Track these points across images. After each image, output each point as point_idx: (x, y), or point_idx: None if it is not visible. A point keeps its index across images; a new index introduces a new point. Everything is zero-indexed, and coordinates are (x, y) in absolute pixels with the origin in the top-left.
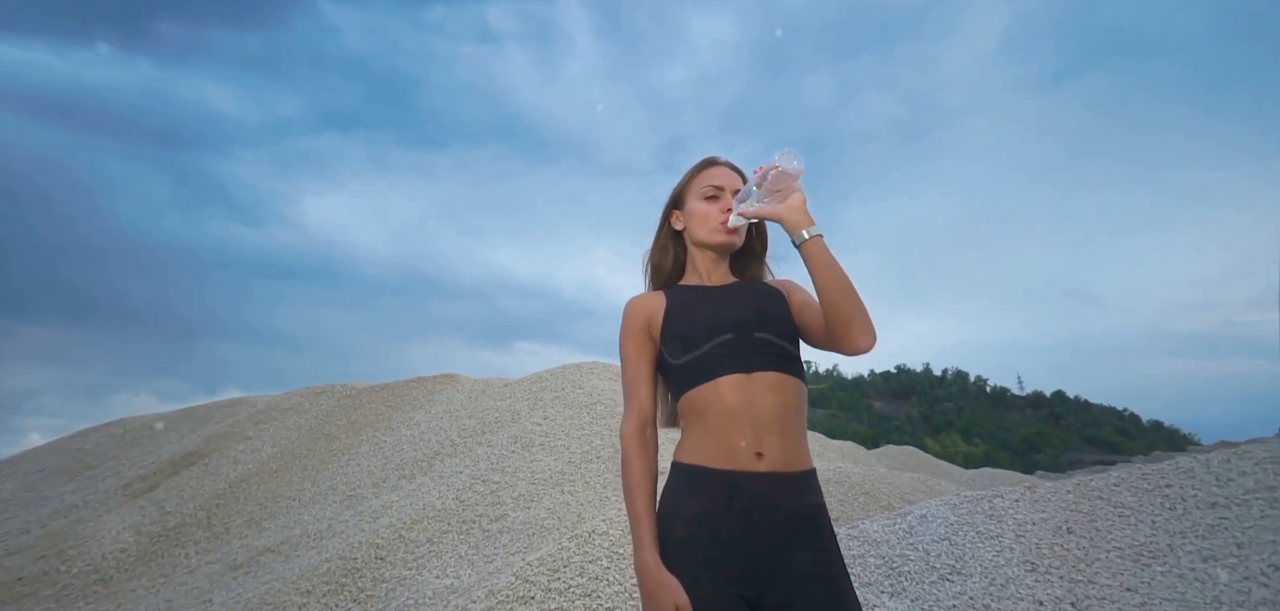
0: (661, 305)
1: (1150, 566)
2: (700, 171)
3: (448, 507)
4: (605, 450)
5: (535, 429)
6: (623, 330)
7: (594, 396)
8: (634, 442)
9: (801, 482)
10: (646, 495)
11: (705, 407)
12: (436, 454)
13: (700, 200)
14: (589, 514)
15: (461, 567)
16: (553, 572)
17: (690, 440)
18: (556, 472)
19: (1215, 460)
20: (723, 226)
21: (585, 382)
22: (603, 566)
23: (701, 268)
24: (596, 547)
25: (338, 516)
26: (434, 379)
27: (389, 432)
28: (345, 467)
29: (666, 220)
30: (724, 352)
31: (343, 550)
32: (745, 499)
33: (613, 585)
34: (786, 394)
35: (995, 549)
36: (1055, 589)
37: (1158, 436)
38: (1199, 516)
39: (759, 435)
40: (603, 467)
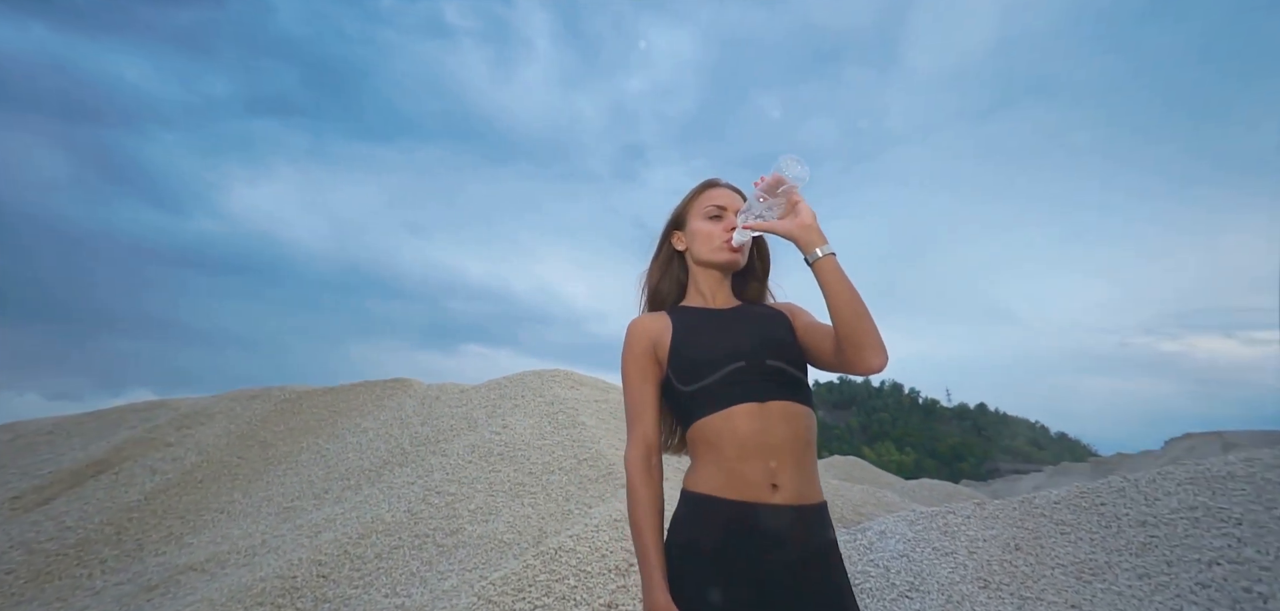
0: (668, 328)
1: (1091, 583)
2: (702, 192)
3: (398, 521)
4: (568, 460)
5: (494, 438)
6: (626, 353)
7: (556, 405)
8: (640, 472)
9: (816, 517)
10: (655, 529)
11: (718, 437)
12: (386, 463)
13: (703, 219)
14: (552, 528)
15: (413, 585)
16: (517, 592)
17: (702, 469)
18: (516, 484)
19: (1144, 480)
20: (727, 244)
21: (547, 390)
22: (570, 585)
23: (705, 288)
24: (563, 565)
25: (273, 530)
26: (383, 383)
27: (333, 440)
28: (282, 477)
29: (667, 240)
30: (737, 381)
31: (280, 567)
32: (760, 532)
33: (580, 605)
34: (800, 424)
35: (950, 565)
36: (1006, 605)
37: (1063, 447)
38: (1132, 534)
39: (774, 466)
40: (565, 479)
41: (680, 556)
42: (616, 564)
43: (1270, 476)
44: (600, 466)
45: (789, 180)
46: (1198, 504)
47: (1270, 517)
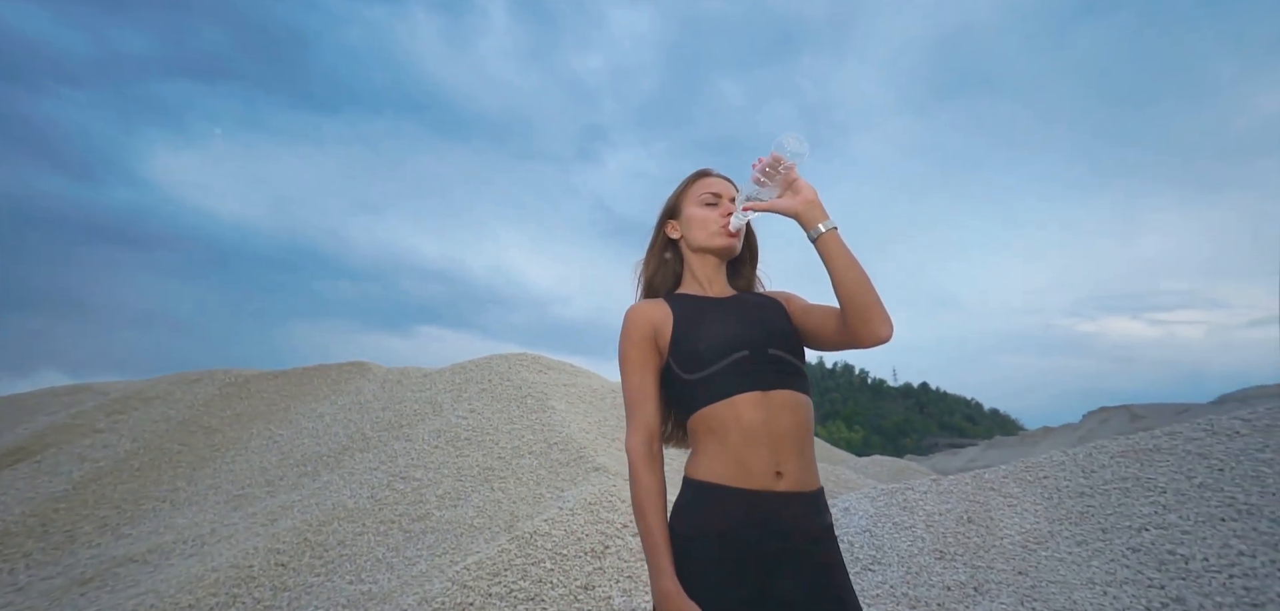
0: (668, 316)
1: (1036, 551)
2: (696, 181)
3: (361, 507)
4: (538, 445)
5: (460, 422)
6: (625, 340)
7: (524, 389)
8: (643, 459)
9: (815, 502)
10: (661, 516)
11: (722, 426)
12: (345, 449)
13: (698, 206)
14: (523, 512)
15: (380, 571)
16: (493, 576)
17: (706, 457)
18: (485, 469)
19: (1082, 454)
20: (724, 229)
21: (514, 375)
22: (546, 569)
23: (701, 276)
24: (539, 549)
25: (223, 519)
26: (340, 367)
27: (286, 425)
28: (231, 464)
29: (661, 230)
30: (740, 370)
31: (234, 557)
32: (764, 519)
33: (557, 587)
34: (801, 412)
35: (909, 539)
36: (960, 574)
37: (995, 422)
38: (1072, 505)
39: (778, 455)
40: (535, 463)
41: (685, 543)
42: (592, 547)
43: (1190, 448)
44: (571, 450)
45: (787, 158)
46: (1128, 475)
47: (1191, 486)
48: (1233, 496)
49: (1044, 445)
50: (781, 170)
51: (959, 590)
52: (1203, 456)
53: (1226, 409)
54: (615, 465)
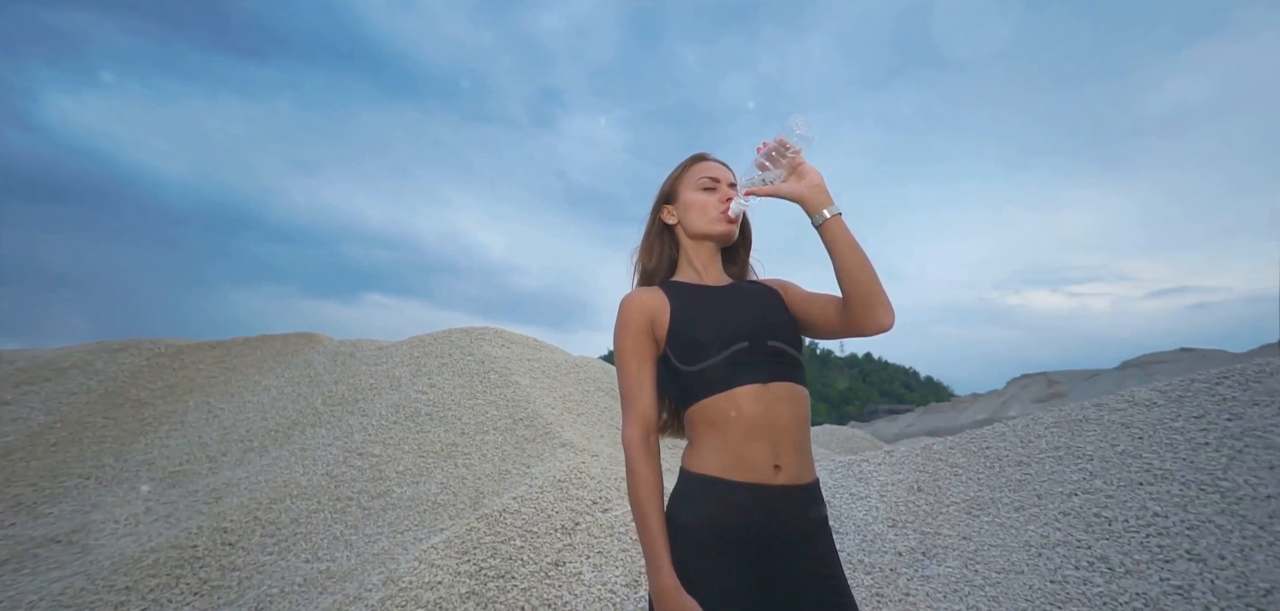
0: (665, 305)
1: (978, 517)
2: (692, 165)
3: (316, 484)
4: (502, 421)
5: (420, 397)
6: (622, 329)
7: (487, 364)
8: (640, 452)
9: (811, 494)
10: (659, 509)
11: (722, 418)
12: (295, 424)
13: (696, 191)
14: (490, 489)
15: (337, 549)
16: (462, 554)
17: (705, 449)
18: (448, 444)
19: (1020, 425)
20: (723, 215)
21: (475, 348)
22: (516, 546)
23: (697, 263)
24: (508, 527)
25: (160, 497)
26: (286, 338)
27: (228, 399)
28: (165, 439)
29: (657, 215)
30: (740, 362)
31: (175, 536)
32: (763, 512)
33: (527, 564)
34: (800, 405)
35: (864, 508)
36: (910, 540)
37: (929, 389)
38: (1011, 472)
39: (777, 448)
40: (500, 439)
41: (683, 536)
42: (562, 523)
43: (1114, 419)
44: (537, 426)
45: (794, 143)
46: (1060, 444)
47: (1114, 453)
48: (1150, 463)
49: (972, 410)
50: (788, 154)
51: (909, 555)
52: (1125, 426)
53: (1128, 373)
54: (582, 440)
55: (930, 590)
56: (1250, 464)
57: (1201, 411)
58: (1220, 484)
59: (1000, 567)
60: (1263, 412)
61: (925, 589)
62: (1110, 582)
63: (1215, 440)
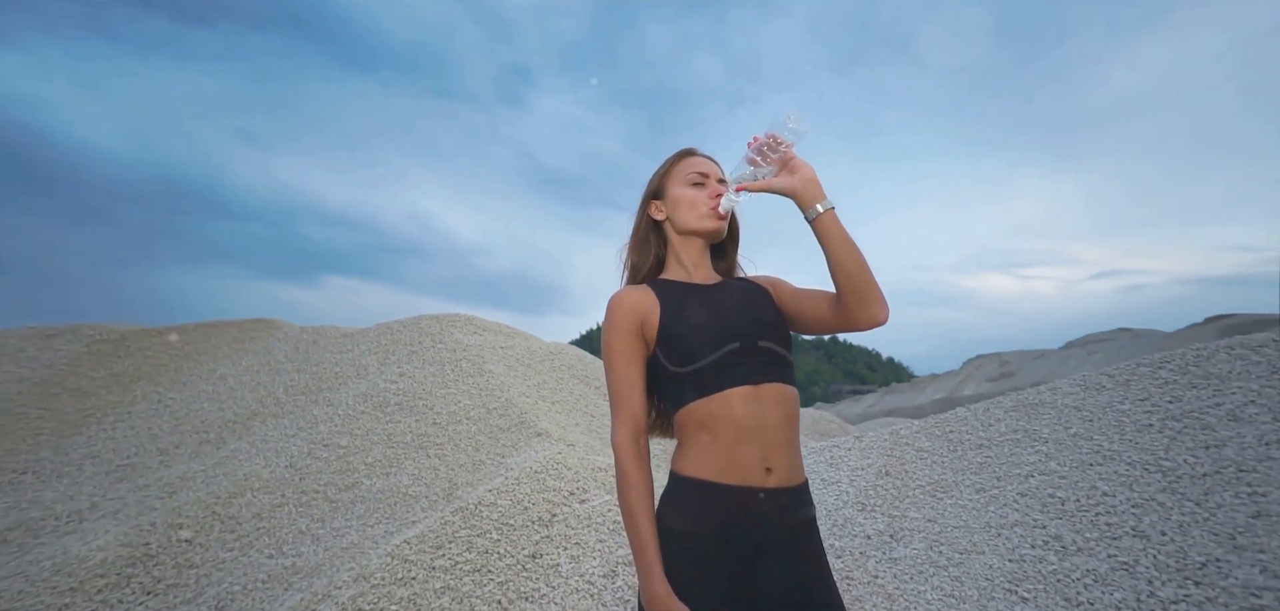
0: (655, 304)
1: (942, 499)
2: (681, 160)
3: (279, 477)
4: (476, 410)
5: (389, 387)
6: (610, 329)
7: (458, 352)
8: (631, 455)
9: (801, 496)
10: (650, 516)
11: (713, 421)
12: (254, 414)
13: (686, 187)
14: (463, 480)
15: (304, 543)
16: (436, 549)
17: (695, 452)
18: (419, 435)
19: (980, 409)
20: (713, 211)
21: (447, 336)
22: (492, 539)
23: (686, 260)
24: (484, 520)
25: (106, 492)
26: (242, 324)
27: (179, 388)
28: (110, 431)
29: (645, 211)
30: (732, 363)
31: (125, 533)
32: (754, 515)
33: (504, 558)
34: (790, 406)
35: (835, 494)
36: (878, 523)
37: (890, 370)
38: (973, 456)
39: (768, 450)
40: (473, 429)
41: (673, 541)
42: (539, 515)
43: (1067, 402)
44: (511, 416)
45: (786, 138)
46: (1018, 427)
47: (1067, 435)
48: (1099, 444)
49: (930, 390)
50: (780, 149)
51: (877, 538)
52: (1077, 409)
53: (1071, 352)
54: (558, 430)
55: (897, 572)
56: (1188, 445)
57: (1145, 394)
58: (1162, 464)
59: (962, 548)
60: (1199, 396)
61: (893, 571)
62: (1063, 560)
63: (1158, 422)
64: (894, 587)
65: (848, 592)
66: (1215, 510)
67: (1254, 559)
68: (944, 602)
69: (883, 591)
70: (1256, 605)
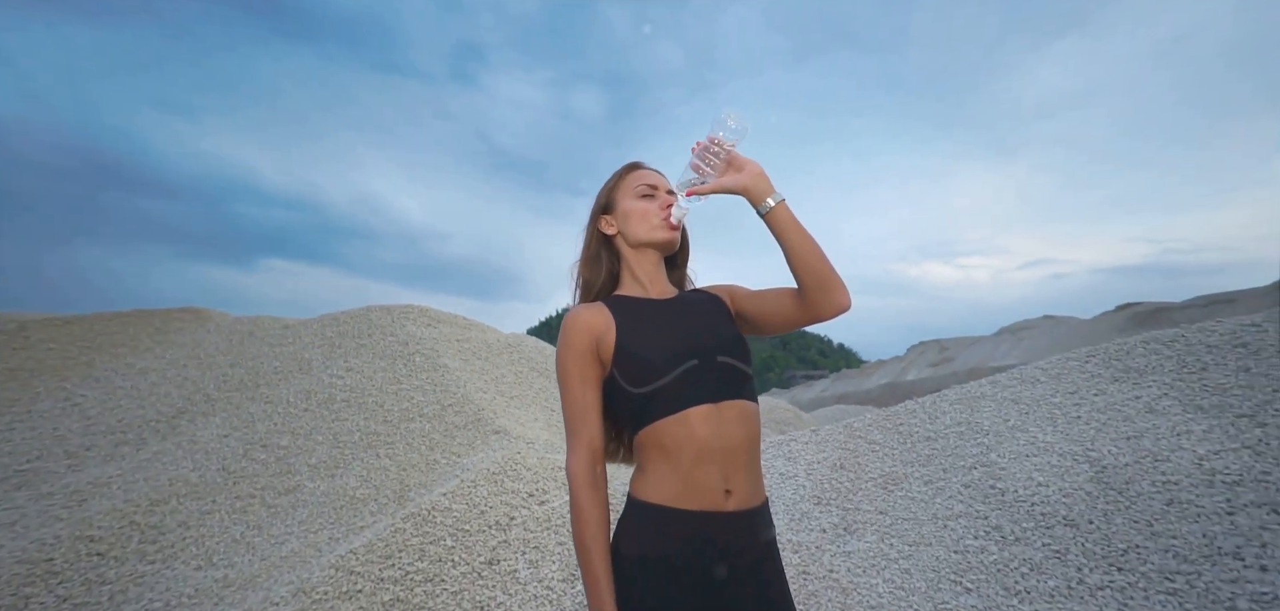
0: (610, 322)
1: (893, 492)
2: (628, 174)
3: (209, 481)
4: (430, 407)
5: (336, 382)
6: (565, 351)
7: (411, 345)
8: (585, 485)
9: (761, 517)
10: (604, 548)
11: (674, 443)
12: (181, 413)
13: (635, 199)
14: (416, 480)
15: (238, 552)
16: (385, 558)
17: (654, 476)
18: (369, 434)
19: (928, 402)
20: (665, 222)
21: (398, 329)
22: (447, 546)
23: (641, 274)
24: (438, 526)
25: (3, 500)
26: (167, 312)
27: (91, 384)
28: (6, 432)
29: (595, 227)
30: (690, 381)
31: (22, 548)
32: (714, 542)
33: (459, 565)
34: (751, 424)
35: (793, 488)
36: (833, 517)
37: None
38: (921, 448)
39: (728, 471)
40: (427, 427)
41: (629, 567)
42: (496, 519)
43: (1006, 395)
44: (467, 412)
45: (725, 138)
46: (962, 419)
47: (1006, 428)
48: (1034, 436)
49: (877, 375)
50: (724, 152)
51: (832, 531)
52: (1015, 401)
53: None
54: (516, 427)
55: (851, 565)
56: (1112, 435)
57: (1074, 387)
58: (1089, 454)
59: (912, 540)
60: (1121, 388)
61: (847, 564)
62: (1003, 550)
63: (1086, 414)
64: (848, 581)
65: (804, 587)
66: (1135, 499)
67: (1167, 545)
68: (894, 595)
69: (837, 585)
70: (1171, 588)
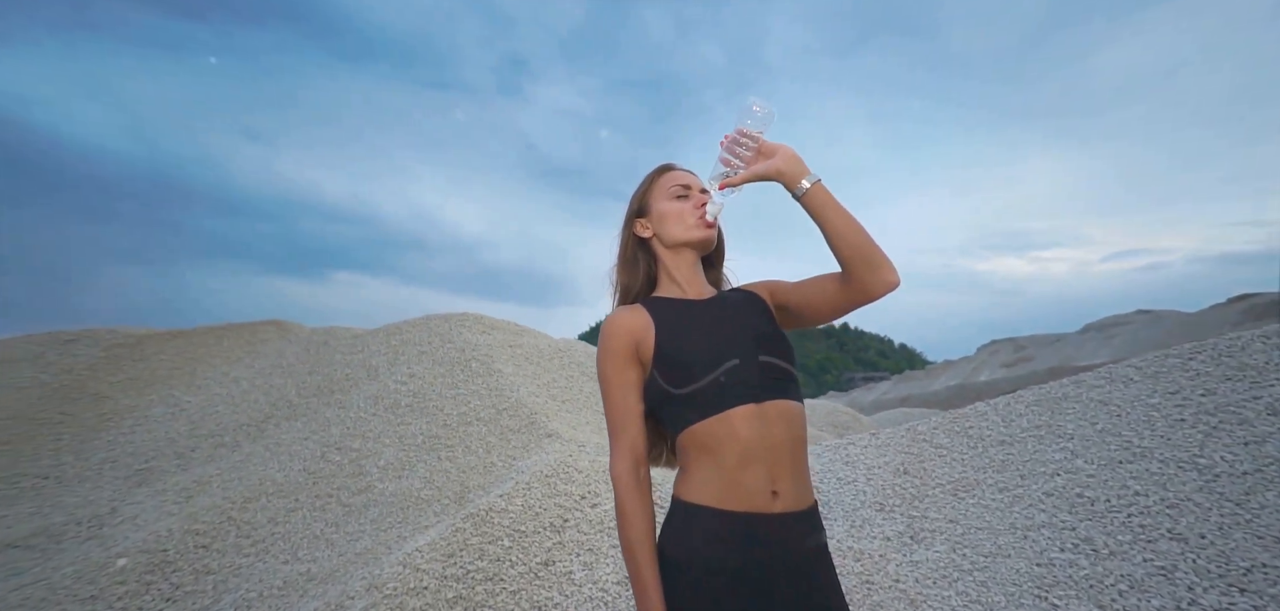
0: (649, 324)
1: (964, 499)
2: (660, 176)
3: (293, 481)
4: (486, 411)
5: (400, 388)
6: (605, 355)
7: (467, 352)
8: (630, 487)
9: (810, 521)
10: (651, 551)
11: (716, 443)
12: (268, 417)
13: (670, 200)
14: (475, 482)
15: (319, 548)
16: (447, 557)
17: (698, 476)
18: (431, 437)
19: (1001, 404)
20: (701, 221)
21: (455, 335)
22: (504, 546)
23: (679, 276)
24: (495, 527)
25: (125, 497)
26: (253, 326)
27: (194, 391)
28: (128, 435)
29: (630, 231)
30: (733, 381)
31: (144, 540)
32: (761, 544)
33: (516, 565)
34: (796, 425)
35: (852, 493)
36: (898, 525)
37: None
38: (994, 453)
39: (774, 473)
40: (484, 430)
41: (675, 570)
42: (551, 521)
43: (1093, 396)
44: (522, 416)
45: (752, 126)
46: (1041, 422)
47: (1094, 432)
48: (1129, 440)
49: (945, 376)
50: (753, 142)
51: (897, 540)
52: (1103, 403)
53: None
54: (568, 431)
55: (919, 575)
56: (1225, 440)
57: (1176, 387)
58: (1197, 461)
59: (987, 551)
60: (1235, 388)
61: (915, 574)
62: (1095, 564)
63: (1191, 416)
64: (917, 592)
65: (869, 598)
66: (1258, 511)
67: None
68: (970, 608)
69: (905, 596)
70: None
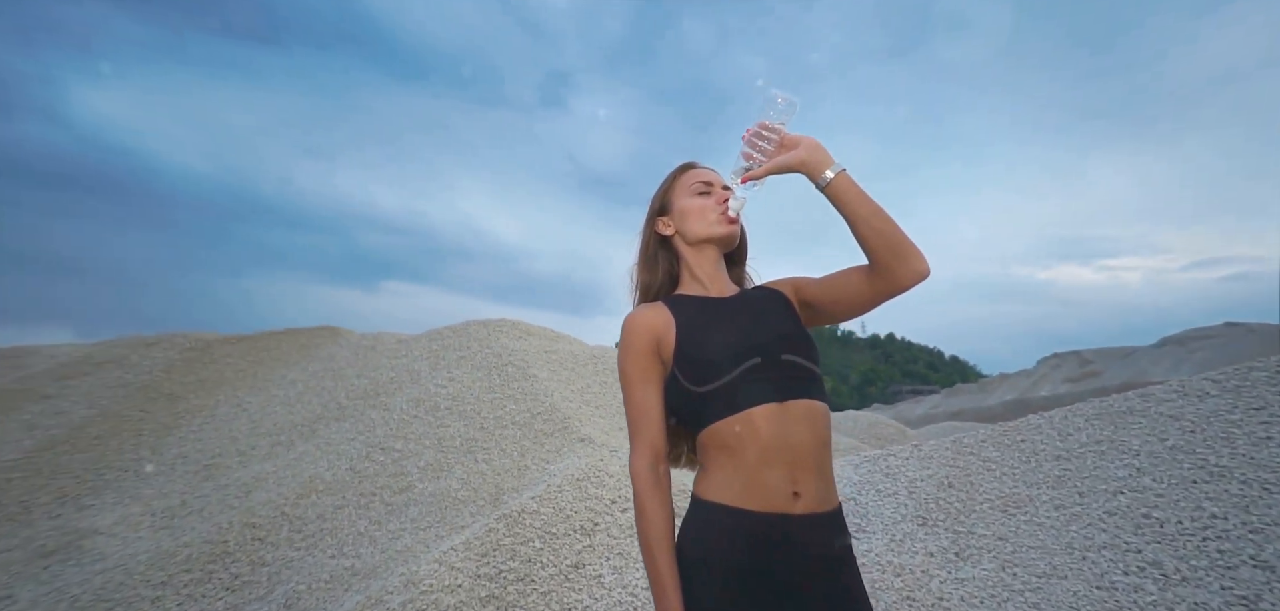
0: (670, 321)
1: (1015, 515)
2: (682, 174)
3: (340, 479)
4: (520, 415)
5: (439, 391)
6: (626, 353)
7: (504, 357)
8: (649, 484)
9: (835, 523)
10: (669, 550)
11: (737, 442)
12: (319, 418)
13: (691, 197)
14: (509, 485)
15: (362, 545)
16: (481, 557)
17: (717, 476)
18: (468, 439)
19: (1058, 416)
20: (724, 217)
21: (493, 341)
22: (535, 547)
23: (701, 273)
24: (527, 528)
25: (194, 490)
26: (309, 331)
27: (255, 392)
28: (198, 433)
29: (651, 228)
30: (754, 379)
31: (208, 531)
32: (780, 544)
33: (546, 567)
34: (819, 424)
35: (892, 505)
36: (942, 540)
37: (954, 369)
38: (1049, 468)
39: (795, 473)
40: (519, 434)
41: (693, 570)
42: (581, 523)
43: (1162, 410)
44: (555, 420)
45: (774, 119)
46: (1103, 437)
47: (1163, 448)
48: (1204, 458)
49: (1000, 391)
50: (775, 135)
51: (941, 556)
52: (1175, 418)
53: (1167, 350)
54: (600, 435)
55: (965, 594)
56: None
57: (1262, 403)
58: None
59: (1041, 571)
60: None
61: (960, 593)
62: (1165, 590)
63: (1279, 435)
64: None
65: None
66: None
67: None
68: None
69: None
70: None
